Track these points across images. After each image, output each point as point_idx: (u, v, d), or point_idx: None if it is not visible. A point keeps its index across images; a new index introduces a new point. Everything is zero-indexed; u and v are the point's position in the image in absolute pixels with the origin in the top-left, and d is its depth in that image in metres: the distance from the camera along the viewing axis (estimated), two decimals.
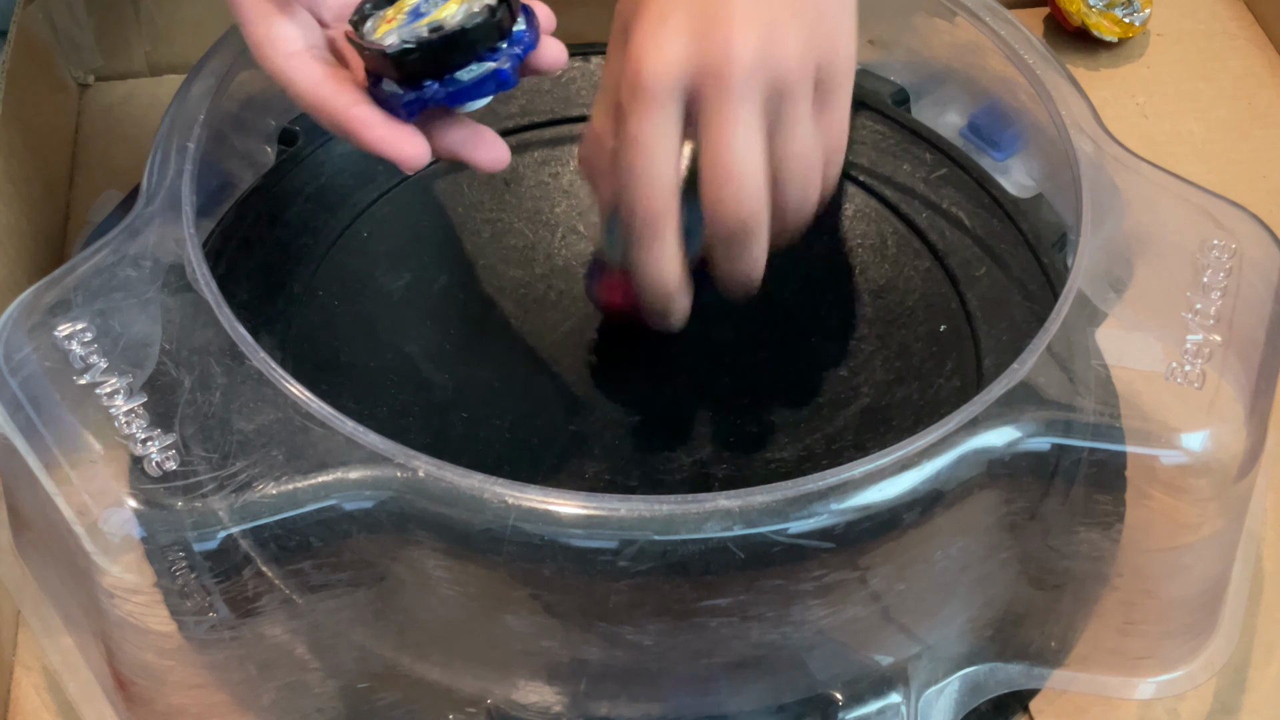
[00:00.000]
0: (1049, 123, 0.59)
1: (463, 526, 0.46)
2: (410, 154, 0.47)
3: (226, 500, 0.45)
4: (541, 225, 0.62)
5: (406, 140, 0.48)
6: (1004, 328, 0.58)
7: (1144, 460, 0.51)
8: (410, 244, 0.61)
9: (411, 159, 0.47)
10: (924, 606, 0.52)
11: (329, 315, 0.58)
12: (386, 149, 0.47)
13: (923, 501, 0.48)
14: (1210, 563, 0.54)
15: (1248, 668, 0.57)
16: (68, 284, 0.50)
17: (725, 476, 0.53)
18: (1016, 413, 0.49)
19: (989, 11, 0.62)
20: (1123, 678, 0.54)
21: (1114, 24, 0.80)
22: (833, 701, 0.51)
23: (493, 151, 0.50)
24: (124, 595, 0.46)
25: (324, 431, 0.47)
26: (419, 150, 0.48)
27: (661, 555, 0.46)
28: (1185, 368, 0.51)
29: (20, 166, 0.65)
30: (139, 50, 0.77)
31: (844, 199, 0.63)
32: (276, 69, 0.49)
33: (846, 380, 0.57)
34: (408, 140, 0.48)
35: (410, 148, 0.47)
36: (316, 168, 0.63)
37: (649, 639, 0.48)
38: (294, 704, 0.51)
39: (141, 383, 0.47)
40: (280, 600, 0.48)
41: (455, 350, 0.57)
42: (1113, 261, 0.54)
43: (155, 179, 0.54)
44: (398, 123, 0.48)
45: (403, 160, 0.48)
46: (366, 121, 0.48)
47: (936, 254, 0.61)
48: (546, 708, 0.50)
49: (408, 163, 0.48)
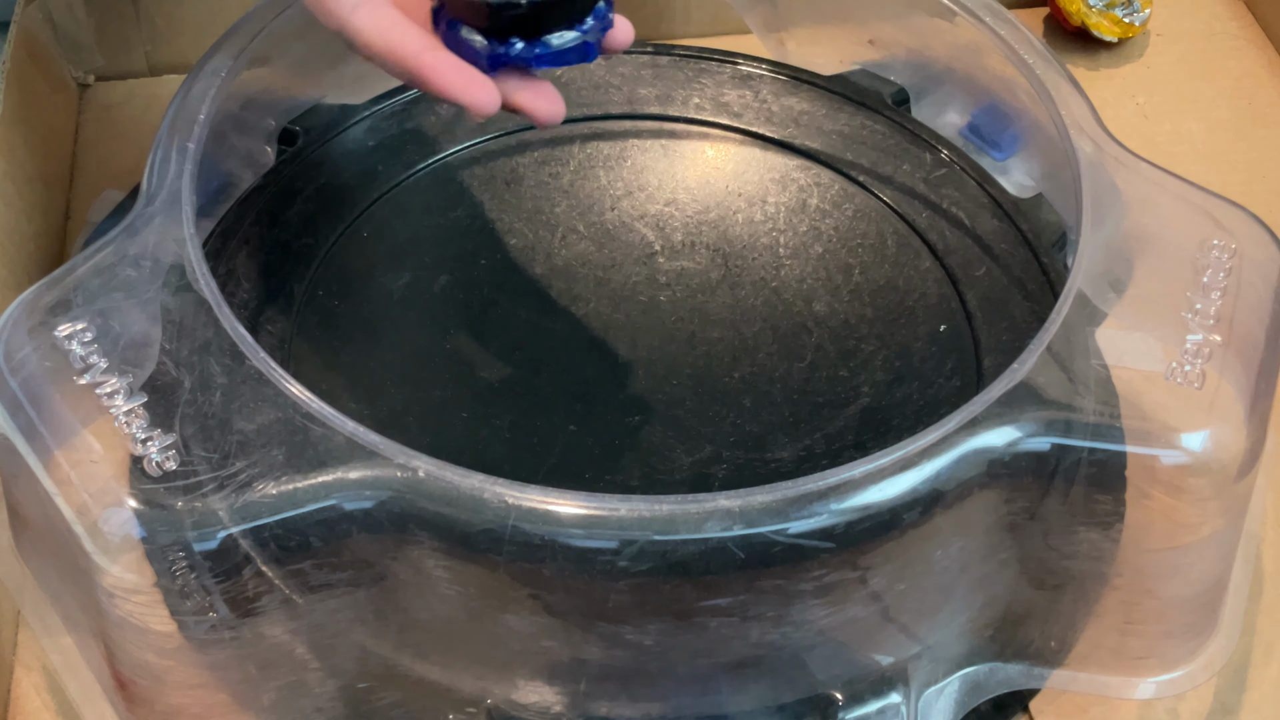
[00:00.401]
0: (1049, 123, 0.59)
1: (463, 526, 0.46)
2: (482, 100, 0.47)
3: (226, 500, 0.46)
4: (541, 225, 0.62)
5: (478, 87, 0.47)
6: (1004, 328, 0.58)
7: (1144, 460, 0.51)
8: (410, 244, 0.61)
9: (483, 105, 0.47)
10: (924, 606, 0.52)
11: (329, 315, 0.58)
12: (458, 94, 0.47)
13: (923, 501, 0.48)
14: (1210, 563, 0.54)
15: (1248, 668, 0.57)
16: (68, 284, 0.50)
17: (725, 476, 0.53)
18: (1016, 413, 0.49)
19: (989, 11, 0.62)
20: (1123, 677, 0.54)
21: (1114, 24, 0.80)
22: (833, 701, 0.51)
23: (553, 105, 0.50)
24: (124, 595, 0.46)
25: (324, 431, 0.47)
26: (490, 97, 0.48)
27: (661, 555, 0.46)
28: (1185, 368, 0.51)
29: (20, 166, 0.65)
30: (139, 50, 0.77)
31: (844, 199, 0.63)
32: (342, 23, 0.48)
33: (846, 380, 0.57)
34: (479, 87, 0.47)
35: (482, 94, 0.47)
36: (316, 168, 0.63)
37: (649, 639, 0.48)
38: (294, 704, 0.51)
39: (141, 383, 0.47)
40: (280, 600, 0.48)
41: (455, 350, 0.57)
42: (1113, 261, 0.54)
43: (155, 179, 0.54)
44: (467, 68, 0.48)
45: (475, 106, 0.47)
46: (438, 68, 0.47)
47: (936, 254, 0.61)
48: (546, 708, 0.50)
49: (480, 109, 0.48)
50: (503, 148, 0.65)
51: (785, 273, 0.60)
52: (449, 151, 0.64)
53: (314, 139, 0.64)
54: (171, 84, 0.64)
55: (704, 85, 0.68)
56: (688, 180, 0.64)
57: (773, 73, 0.68)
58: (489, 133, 0.65)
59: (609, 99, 0.67)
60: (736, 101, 0.67)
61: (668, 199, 0.63)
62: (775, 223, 0.63)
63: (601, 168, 0.64)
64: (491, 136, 0.65)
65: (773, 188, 0.64)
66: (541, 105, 0.49)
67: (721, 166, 0.65)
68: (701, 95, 0.67)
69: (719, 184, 0.64)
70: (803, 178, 0.64)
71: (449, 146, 0.65)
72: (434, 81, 0.47)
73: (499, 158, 0.65)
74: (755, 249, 0.61)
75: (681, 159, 0.65)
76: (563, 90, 0.67)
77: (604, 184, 0.64)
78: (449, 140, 0.65)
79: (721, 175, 0.65)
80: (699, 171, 0.65)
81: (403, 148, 0.64)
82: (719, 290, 0.60)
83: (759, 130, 0.66)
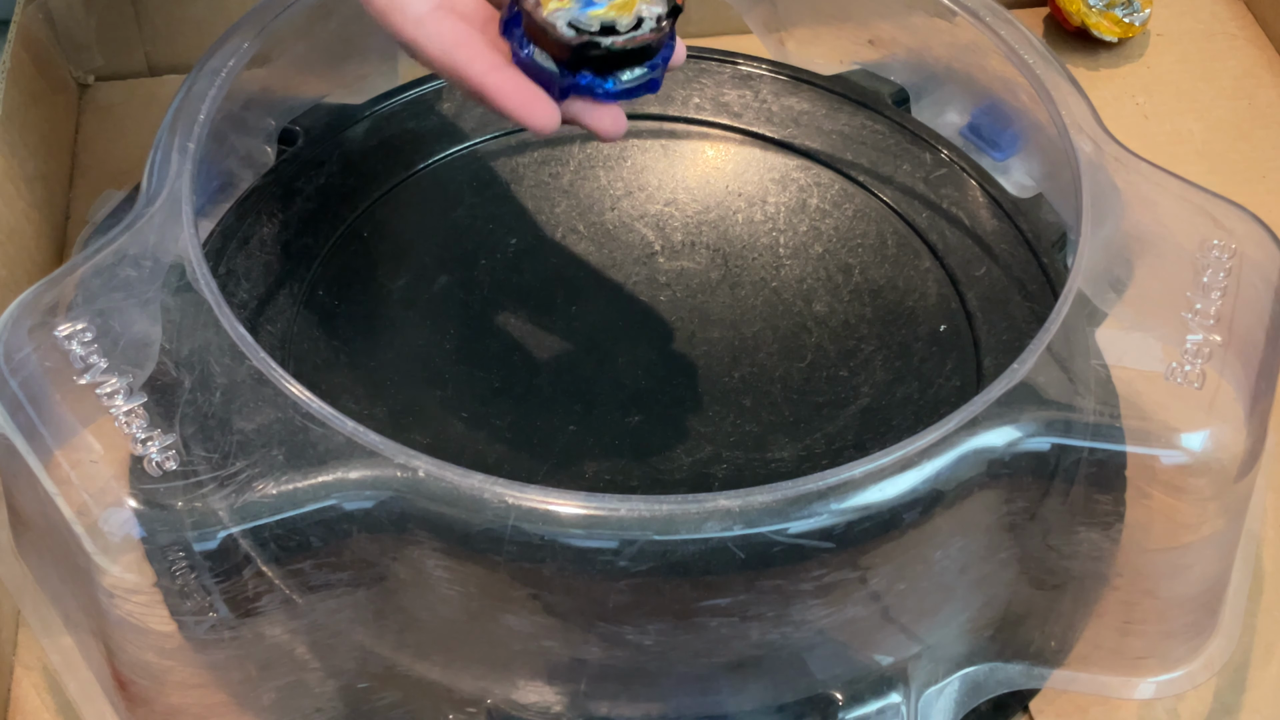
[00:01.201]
0: (1049, 123, 0.59)
1: (463, 526, 0.46)
2: (544, 120, 0.48)
3: (226, 500, 0.45)
4: (541, 225, 0.62)
5: (540, 105, 0.48)
6: (1004, 328, 0.58)
7: (1144, 460, 0.51)
8: (410, 244, 0.61)
9: (545, 125, 0.48)
10: (924, 606, 0.52)
11: (329, 315, 0.58)
12: (522, 115, 0.48)
13: (923, 501, 0.48)
14: (1210, 562, 0.54)
15: (1248, 667, 0.57)
16: (68, 284, 0.50)
17: (725, 476, 0.53)
18: (1016, 413, 0.49)
19: (989, 11, 0.62)
20: (1123, 677, 0.54)
21: (1114, 24, 0.80)
22: (833, 701, 0.51)
23: (617, 122, 0.50)
24: (124, 595, 0.46)
25: (324, 431, 0.47)
26: (552, 116, 0.49)
27: (661, 555, 0.46)
28: (1185, 368, 0.51)
29: (20, 166, 0.65)
30: (139, 50, 0.77)
31: (844, 199, 0.63)
32: (405, 36, 0.49)
33: (846, 380, 0.57)
34: (542, 106, 0.48)
35: (544, 113, 0.48)
36: (316, 168, 0.63)
37: (649, 639, 0.48)
38: (294, 704, 0.51)
39: (141, 383, 0.47)
40: (280, 600, 0.48)
41: (455, 350, 0.57)
42: (1113, 261, 0.54)
43: (155, 179, 0.54)
44: (529, 87, 0.49)
45: (536, 126, 0.48)
46: (502, 89, 0.48)
47: (936, 254, 0.61)
48: (546, 708, 0.50)
49: (541, 129, 0.49)
50: (503, 148, 0.65)
51: (785, 273, 0.61)
52: (449, 151, 0.64)
53: (314, 139, 0.64)
54: (171, 84, 0.64)
55: (704, 85, 0.68)
56: (688, 180, 0.64)
57: (773, 73, 0.68)
58: (489, 133, 0.65)
59: None
60: (736, 101, 0.67)
61: (668, 199, 0.63)
62: (775, 223, 0.63)
63: (601, 168, 0.64)
64: (492, 136, 0.65)
65: (773, 188, 0.64)
66: (606, 123, 0.50)
67: (721, 166, 0.65)
68: (701, 95, 0.67)
69: (719, 184, 0.64)
70: (803, 178, 0.64)
71: (449, 146, 0.65)
72: (498, 101, 0.48)
73: (499, 158, 0.65)
74: (755, 249, 0.61)
75: (681, 159, 0.65)
76: None
77: (604, 184, 0.64)
78: (449, 140, 0.65)
79: (721, 175, 0.65)
80: (699, 171, 0.65)
81: (403, 148, 0.64)
82: (719, 290, 0.60)
83: (759, 130, 0.66)
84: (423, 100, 0.66)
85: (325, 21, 0.64)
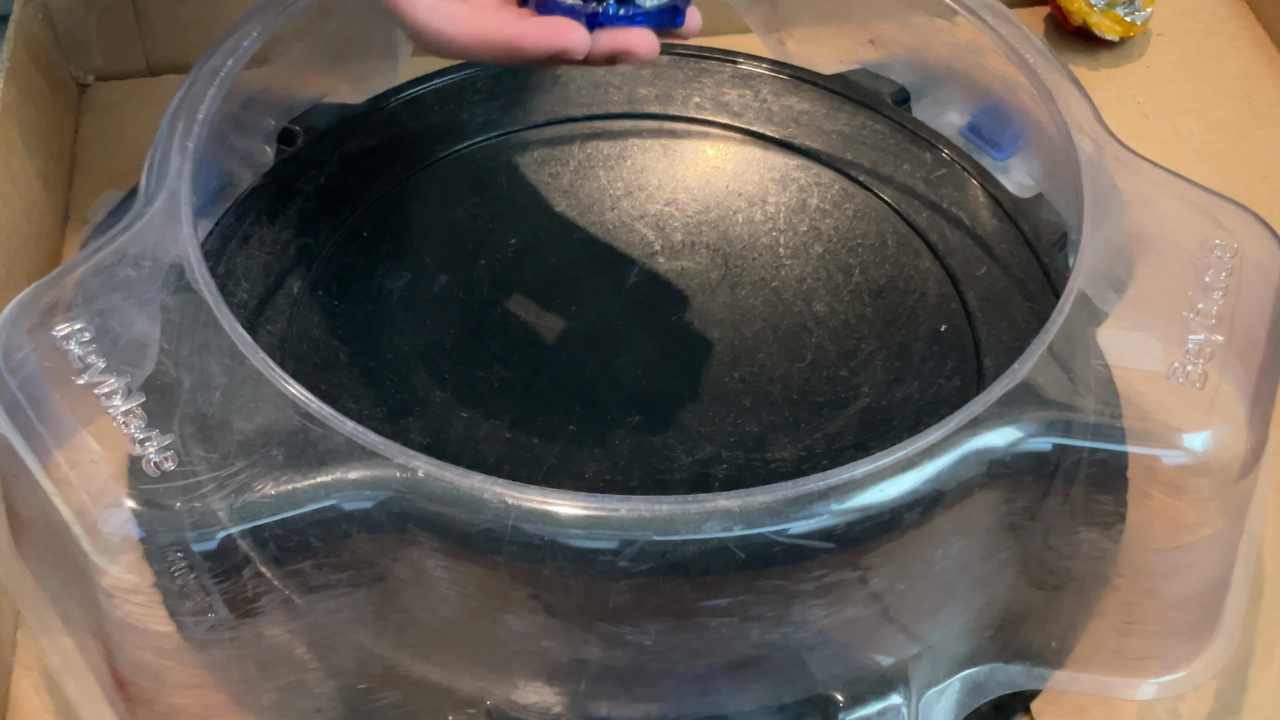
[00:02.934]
0: (1049, 122, 0.59)
1: (463, 526, 0.46)
2: (576, 40, 0.48)
3: (226, 500, 0.45)
4: (541, 225, 0.62)
5: (569, 29, 0.48)
6: (1004, 328, 0.58)
7: (1145, 460, 0.51)
8: (410, 244, 0.61)
9: (578, 45, 0.49)
10: (924, 607, 0.52)
11: (329, 315, 0.58)
12: (553, 44, 0.48)
13: (923, 502, 0.47)
14: (1211, 563, 0.54)
15: (1248, 668, 0.57)
16: (67, 284, 0.50)
17: (725, 476, 0.53)
18: (1017, 413, 0.49)
19: (989, 11, 0.62)
20: (1124, 678, 0.54)
21: (1115, 23, 0.80)
22: (833, 702, 0.51)
23: (649, 43, 0.50)
24: (123, 595, 0.46)
25: (323, 432, 0.47)
26: (583, 37, 0.49)
27: (661, 555, 0.46)
28: (1186, 368, 0.50)
29: (20, 166, 0.65)
30: (138, 50, 0.77)
31: (844, 199, 0.63)
32: (420, 23, 0.49)
33: (846, 380, 0.57)
34: (570, 29, 0.49)
35: (575, 35, 0.49)
36: (316, 168, 0.63)
37: (649, 639, 0.48)
38: (294, 704, 0.51)
39: (140, 383, 0.47)
40: (280, 600, 0.48)
41: (455, 350, 0.57)
42: (1113, 261, 0.54)
43: (155, 179, 0.54)
44: (553, 19, 0.49)
45: (570, 48, 0.49)
46: (530, 33, 0.48)
47: (936, 254, 0.61)
48: (546, 708, 0.50)
49: (575, 49, 0.49)
50: (503, 148, 0.65)
51: (785, 273, 0.60)
52: (449, 151, 0.64)
53: (314, 139, 0.64)
54: (171, 84, 0.64)
55: (704, 85, 0.68)
56: (688, 180, 0.64)
57: (773, 72, 0.68)
58: (489, 133, 0.65)
59: (609, 98, 0.67)
60: (736, 101, 0.67)
61: (668, 199, 0.63)
62: (775, 223, 0.62)
63: (601, 168, 0.64)
64: (492, 136, 0.65)
65: (773, 187, 0.64)
66: (640, 44, 0.50)
67: (721, 166, 0.65)
68: (701, 95, 0.67)
69: (719, 184, 0.64)
70: (803, 177, 0.64)
71: (449, 146, 0.65)
72: (528, 43, 0.48)
73: (499, 158, 0.64)
74: (755, 249, 0.61)
75: (681, 159, 0.65)
76: (562, 90, 0.67)
77: (604, 184, 0.64)
78: (449, 140, 0.65)
79: (721, 175, 0.65)
80: (699, 171, 0.65)
81: (403, 148, 0.64)
82: (719, 290, 0.60)
83: (759, 130, 0.66)
84: (423, 100, 0.66)
85: (325, 21, 0.64)
